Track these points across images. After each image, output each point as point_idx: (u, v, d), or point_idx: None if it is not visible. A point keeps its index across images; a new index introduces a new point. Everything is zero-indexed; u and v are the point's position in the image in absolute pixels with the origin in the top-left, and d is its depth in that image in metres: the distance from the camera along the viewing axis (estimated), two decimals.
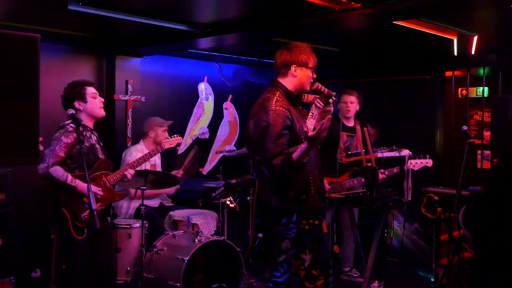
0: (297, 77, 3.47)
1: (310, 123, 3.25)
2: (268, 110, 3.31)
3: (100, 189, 4.00)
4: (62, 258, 3.83)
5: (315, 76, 3.51)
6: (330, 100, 3.34)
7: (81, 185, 3.88)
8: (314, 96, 3.48)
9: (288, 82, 3.49)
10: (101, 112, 4.16)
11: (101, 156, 4.11)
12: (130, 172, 4.23)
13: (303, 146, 3.15)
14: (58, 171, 3.83)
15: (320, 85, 3.41)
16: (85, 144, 3.96)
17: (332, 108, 3.37)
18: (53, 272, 3.79)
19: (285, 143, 3.28)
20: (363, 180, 5.51)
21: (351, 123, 5.61)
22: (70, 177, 3.85)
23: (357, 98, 5.62)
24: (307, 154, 3.21)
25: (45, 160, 3.80)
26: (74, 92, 4.05)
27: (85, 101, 4.06)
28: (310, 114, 3.33)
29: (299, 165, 3.21)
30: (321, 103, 3.34)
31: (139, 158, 4.44)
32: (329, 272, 3.56)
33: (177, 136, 4.90)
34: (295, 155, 3.16)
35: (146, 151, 5.54)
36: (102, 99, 4.19)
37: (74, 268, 3.91)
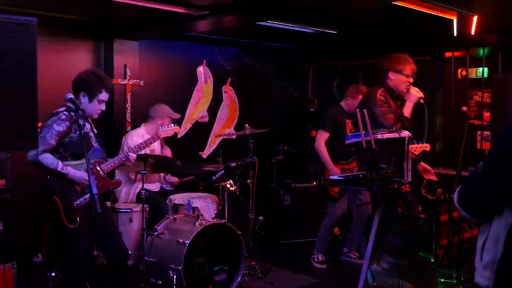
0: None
1: None
2: None
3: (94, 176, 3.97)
4: (62, 247, 3.79)
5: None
6: None
7: (72, 172, 3.83)
8: None
9: None
10: (95, 117, 4.10)
11: (94, 144, 4.06)
12: (132, 156, 4.20)
13: None
14: (48, 159, 3.76)
15: None
16: (82, 131, 3.90)
17: None
18: (43, 260, 3.74)
19: None
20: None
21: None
22: (61, 164, 3.80)
23: None
24: None
25: None
26: (89, 85, 3.94)
27: (91, 100, 3.99)
28: None
29: None
30: None
31: (140, 144, 4.42)
32: None
33: (174, 126, 4.86)
34: None
35: (147, 136, 5.53)
36: (104, 108, 4.10)
37: (74, 257, 3.89)
